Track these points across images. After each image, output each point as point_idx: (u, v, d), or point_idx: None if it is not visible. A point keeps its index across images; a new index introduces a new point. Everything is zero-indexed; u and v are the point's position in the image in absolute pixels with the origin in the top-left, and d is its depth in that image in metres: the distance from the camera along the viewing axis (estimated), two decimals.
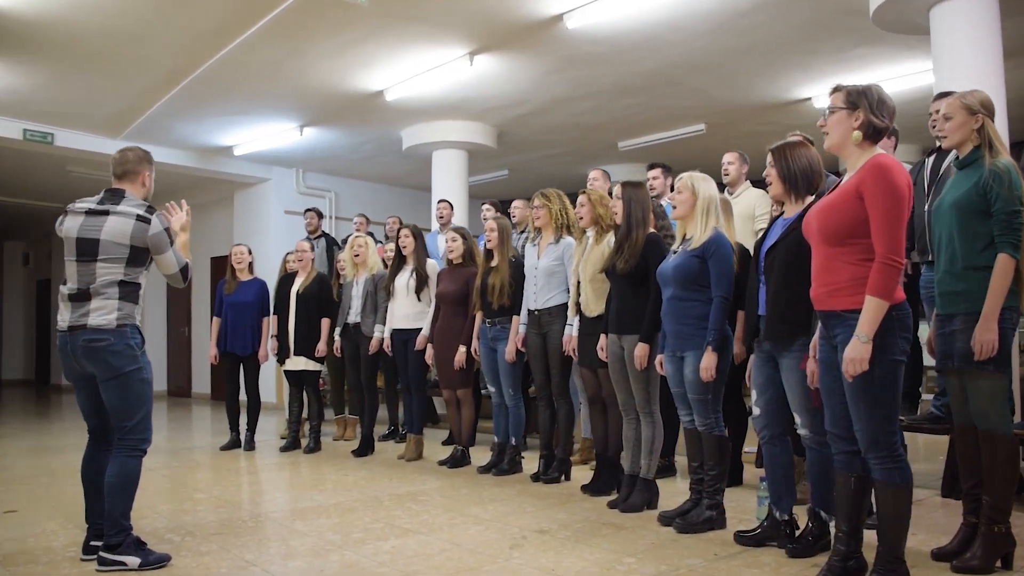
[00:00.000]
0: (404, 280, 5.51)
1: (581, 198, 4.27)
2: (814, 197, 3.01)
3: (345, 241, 7.98)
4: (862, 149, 2.61)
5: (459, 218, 7.74)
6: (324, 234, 7.98)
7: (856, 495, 2.63)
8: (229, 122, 7.59)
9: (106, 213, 3.01)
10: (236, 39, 5.56)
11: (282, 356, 5.99)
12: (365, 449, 5.70)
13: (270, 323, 6.08)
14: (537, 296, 4.58)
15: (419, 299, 5.47)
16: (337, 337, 5.91)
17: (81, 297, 2.98)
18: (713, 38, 5.63)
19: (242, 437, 6.09)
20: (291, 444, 5.98)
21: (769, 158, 3.12)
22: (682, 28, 5.42)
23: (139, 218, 2.99)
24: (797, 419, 3.01)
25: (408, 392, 5.58)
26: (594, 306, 4.13)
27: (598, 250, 4.16)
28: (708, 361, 3.32)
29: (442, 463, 5.20)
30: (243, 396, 6.14)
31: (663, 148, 8.31)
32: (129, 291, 3.01)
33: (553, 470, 4.59)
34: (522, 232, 6.56)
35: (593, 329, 4.13)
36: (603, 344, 3.96)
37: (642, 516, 3.70)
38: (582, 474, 4.68)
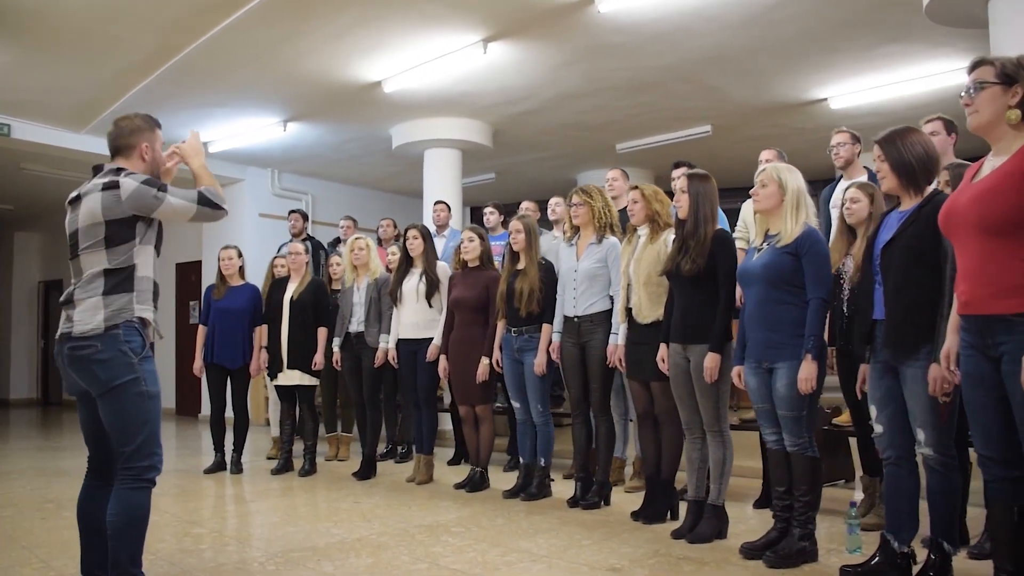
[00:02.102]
0: (413, 285, 5.02)
1: (634, 193, 3.88)
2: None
3: (332, 245, 7.48)
4: (1018, 130, 2.27)
5: (453, 222, 7.26)
6: (309, 237, 7.42)
7: (1020, 528, 2.26)
8: (207, 115, 7.00)
9: (79, 199, 2.52)
10: (227, 18, 5.03)
11: (274, 370, 5.43)
12: (367, 471, 5.18)
13: (263, 333, 5.51)
14: (577, 302, 4.16)
15: (430, 305, 5.00)
16: (336, 348, 5.38)
17: (70, 300, 2.49)
18: (742, 31, 5.31)
19: (227, 458, 5.52)
20: (283, 466, 5.42)
21: (877, 151, 2.78)
22: (715, 18, 5.08)
23: (105, 187, 2.45)
24: (920, 436, 2.64)
25: (417, 408, 5.09)
26: (648, 312, 3.73)
27: (652, 250, 3.76)
28: (808, 371, 2.94)
29: (459, 487, 4.72)
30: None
31: (664, 151, 7.98)
32: (119, 279, 2.45)
33: (592, 494, 4.16)
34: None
35: (646, 338, 3.73)
36: (663, 355, 3.56)
37: (716, 548, 3.30)
38: (617, 497, 4.27)
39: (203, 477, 5.31)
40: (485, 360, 4.60)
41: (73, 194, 2.57)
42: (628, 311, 3.85)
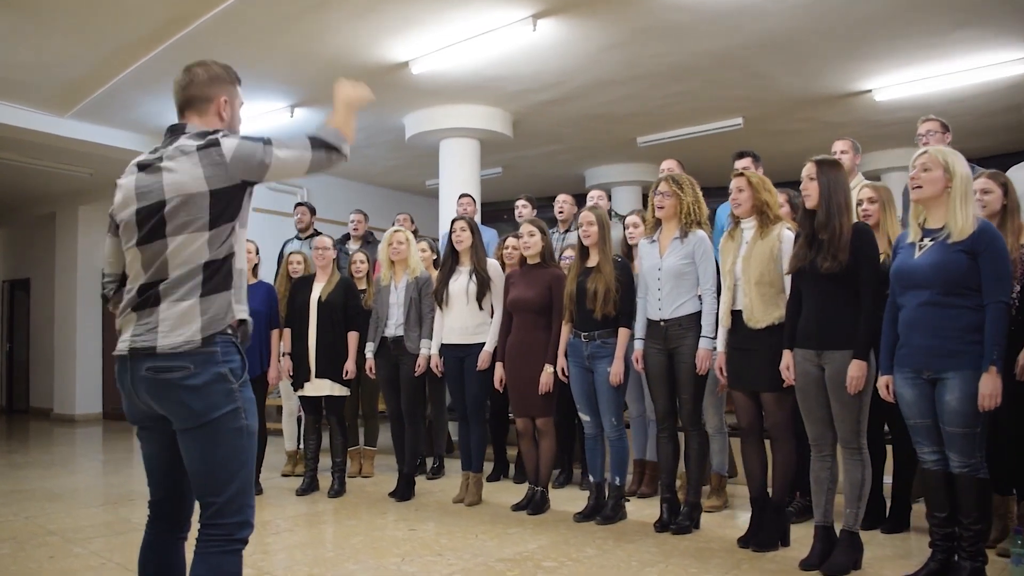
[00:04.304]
0: (462, 284, 4.53)
1: (738, 181, 3.47)
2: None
3: (340, 241, 6.92)
4: None
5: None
6: (316, 233, 6.84)
7: None
8: None
9: (160, 160, 1.92)
10: None
11: (299, 379, 4.88)
12: (406, 491, 4.67)
13: (281, 337, 4.96)
14: (663, 304, 3.73)
15: (480, 307, 4.52)
16: (370, 355, 4.84)
17: (148, 301, 1.89)
18: (808, 12, 4.95)
19: None
20: (309, 486, 4.87)
21: None
22: None
23: (202, 147, 1.89)
24: None
25: (465, 421, 4.60)
26: (761, 316, 3.32)
27: (764, 246, 3.35)
28: (993, 385, 2.57)
29: (518, 508, 4.26)
30: None
31: (688, 145, 7.62)
32: (218, 275, 1.91)
33: (683, 518, 3.73)
34: (565, 231, 5.76)
35: (756, 343, 3.33)
36: (788, 362, 3.15)
37: None
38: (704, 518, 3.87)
39: None
40: (549, 368, 4.15)
41: (143, 158, 1.98)
42: (733, 315, 3.44)
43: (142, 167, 1.97)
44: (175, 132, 2.00)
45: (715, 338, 3.57)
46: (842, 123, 7.09)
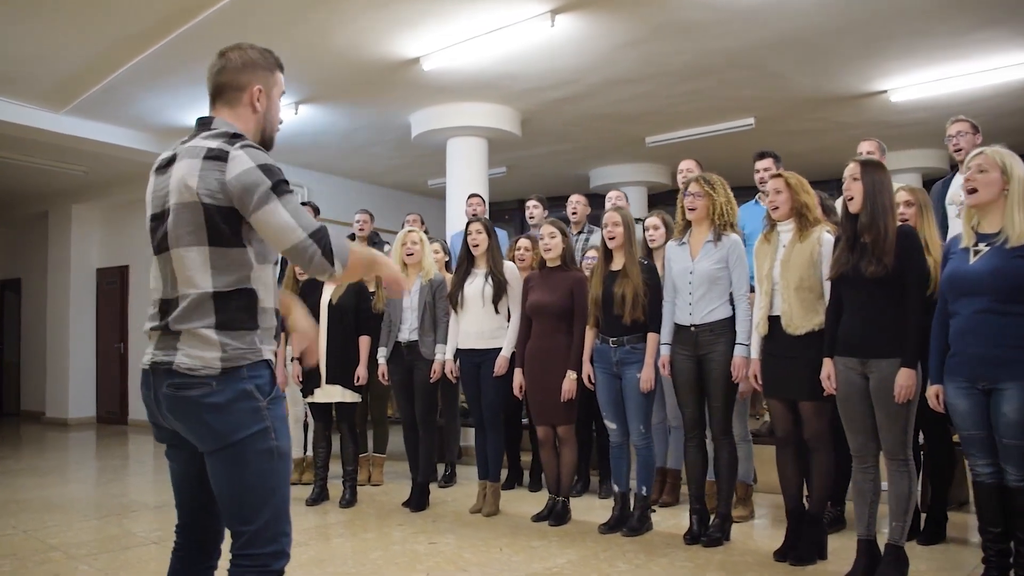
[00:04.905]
0: (477, 287, 4.40)
1: (776, 183, 3.36)
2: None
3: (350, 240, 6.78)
4: None
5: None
6: None
7: None
8: None
9: (172, 162, 1.78)
10: None
11: (309, 385, 4.72)
12: (421, 501, 4.53)
13: (288, 341, 4.80)
14: (693, 308, 3.61)
15: (497, 311, 4.39)
16: (382, 360, 4.70)
17: (167, 318, 1.75)
18: (830, 10, 4.84)
19: None
20: (319, 495, 4.71)
21: None
22: None
23: (209, 155, 1.71)
24: None
25: (481, 428, 4.47)
26: (800, 322, 3.21)
27: (804, 250, 3.24)
28: None
29: (539, 519, 4.13)
30: None
31: (697, 144, 7.50)
32: (236, 310, 1.73)
33: (714, 529, 3.61)
34: (579, 233, 5.65)
35: (795, 351, 3.21)
36: (829, 371, 3.04)
37: None
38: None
39: None
40: (572, 374, 4.01)
41: (166, 155, 1.84)
42: (770, 320, 3.32)
43: (159, 169, 1.84)
44: (201, 127, 1.85)
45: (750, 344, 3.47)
46: (855, 123, 7.00)
